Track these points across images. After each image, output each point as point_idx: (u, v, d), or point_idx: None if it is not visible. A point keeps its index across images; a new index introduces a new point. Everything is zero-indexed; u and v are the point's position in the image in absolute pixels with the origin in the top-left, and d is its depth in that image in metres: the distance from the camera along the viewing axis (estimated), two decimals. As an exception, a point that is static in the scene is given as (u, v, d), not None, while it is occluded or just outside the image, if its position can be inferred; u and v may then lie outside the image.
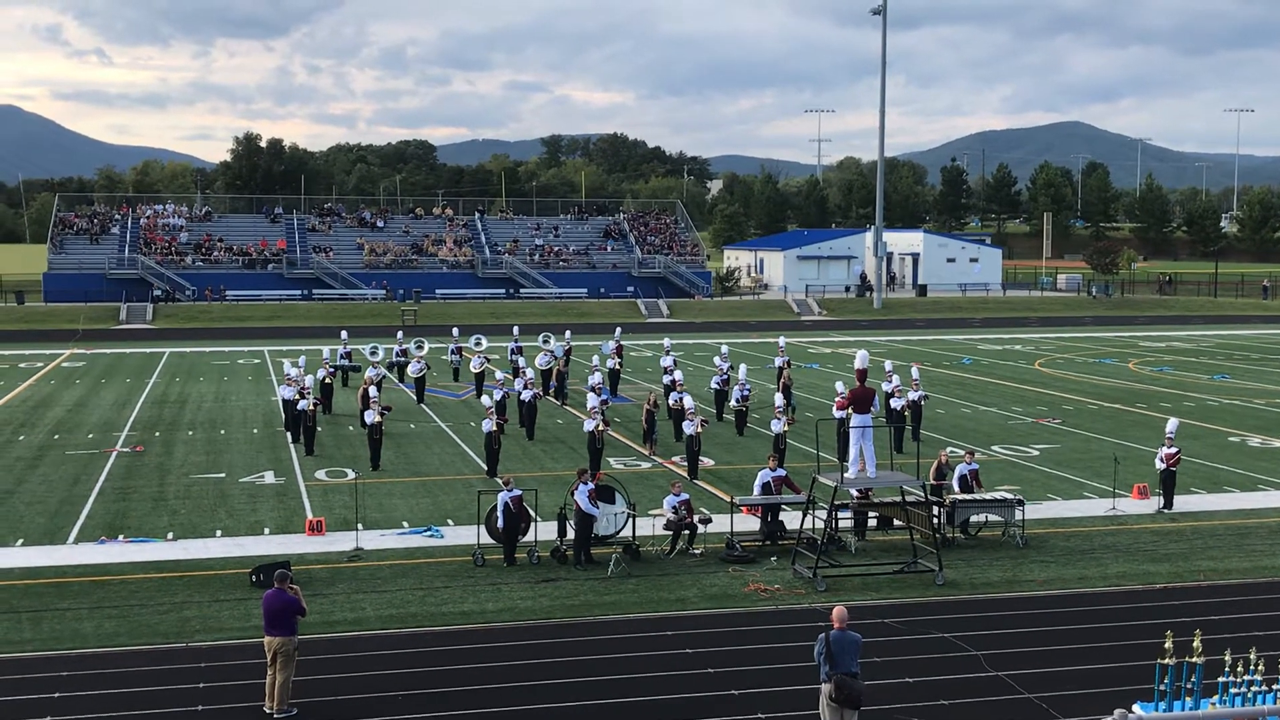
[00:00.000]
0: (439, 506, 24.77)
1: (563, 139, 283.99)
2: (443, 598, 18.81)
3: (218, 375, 47.43)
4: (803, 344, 60.05)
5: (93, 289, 76.04)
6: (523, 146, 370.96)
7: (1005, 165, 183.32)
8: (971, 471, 23.57)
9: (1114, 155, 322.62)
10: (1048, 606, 18.59)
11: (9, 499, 25.47)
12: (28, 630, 17.26)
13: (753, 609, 18.38)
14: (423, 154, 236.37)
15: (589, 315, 74.76)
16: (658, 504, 22.68)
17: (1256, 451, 31.28)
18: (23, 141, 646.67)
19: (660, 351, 43.57)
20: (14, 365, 50.50)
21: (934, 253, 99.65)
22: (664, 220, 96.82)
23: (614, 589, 19.33)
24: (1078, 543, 22.21)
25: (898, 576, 19.86)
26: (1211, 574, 20.28)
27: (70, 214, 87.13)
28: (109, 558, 20.98)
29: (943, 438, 32.09)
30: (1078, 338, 64.74)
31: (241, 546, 21.71)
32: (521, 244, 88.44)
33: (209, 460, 29.75)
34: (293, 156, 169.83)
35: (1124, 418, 36.55)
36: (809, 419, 32.87)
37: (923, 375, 37.08)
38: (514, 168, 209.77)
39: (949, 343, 61.95)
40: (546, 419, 35.01)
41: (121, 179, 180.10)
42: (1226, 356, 54.72)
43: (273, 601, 14.51)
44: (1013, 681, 15.44)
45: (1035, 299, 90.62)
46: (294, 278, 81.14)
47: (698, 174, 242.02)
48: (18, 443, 32.14)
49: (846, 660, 12.66)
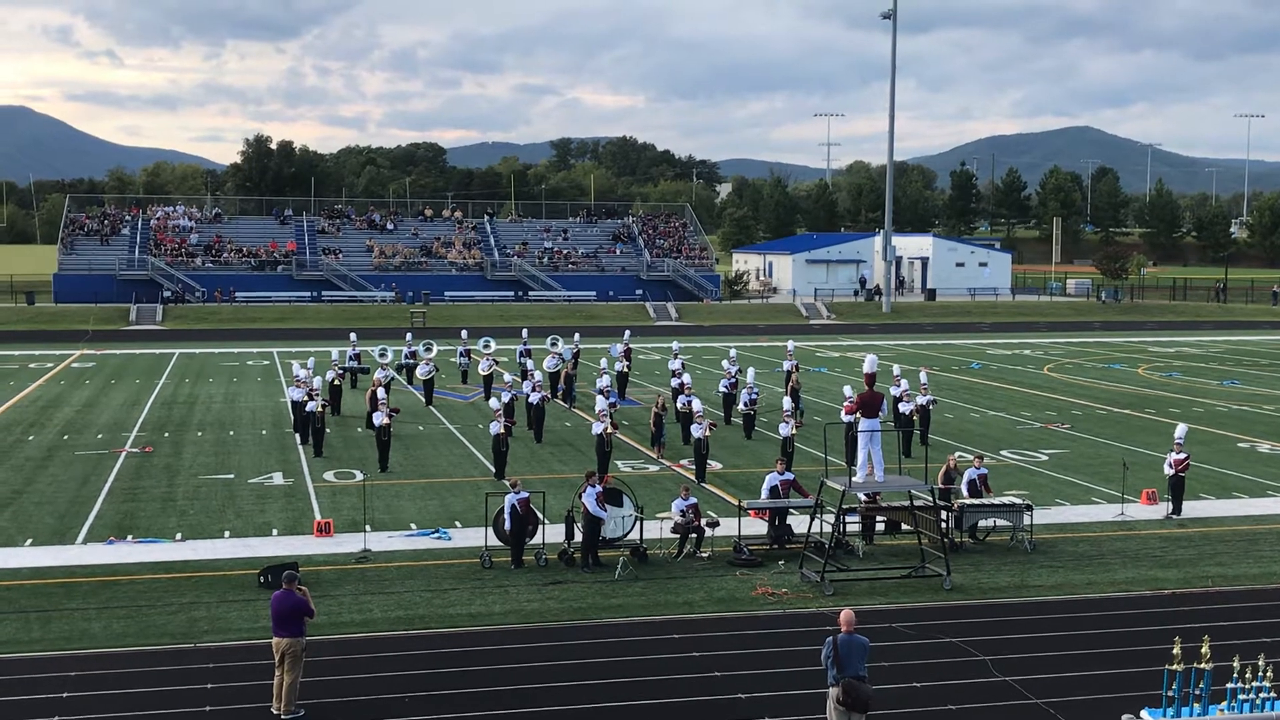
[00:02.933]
0: (447, 508, 24.79)
1: (572, 142, 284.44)
2: (450, 599, 18.83)
3: (227, 376, 47.53)
4: (811, 348, 60.02)
5: (103, 290, 76.23)
6: (532, 149, 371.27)
7: (1015, 170, 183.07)
8: (980, 476, 23.53)
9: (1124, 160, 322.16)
10: (1056, 612, 18.55)
11: (18, 499, 25.55)
12: (36, 630, 17.30)
13: (760, 613, 18.36)
14: (432, 156, 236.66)
15: (597, 318, 74.78)
16: (665, 507, 22.67)
17: (1266, 457, 31.19)
18: (34, 142, 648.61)
19: (669, 355, 43.57)
20: (24, 365, 50.65)
21: (943, 257, 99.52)
22: (673, 224, 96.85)
23: (621, 592, 19.33)
24: (1086, 548, 22.17)
25: (905, 581, 19.83)
26: (1220, 580, 20.23)
27: (81, 215, 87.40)
28: (117, 558, 21.03)
29: (951, 442, 32.06)
30: (1087, 343, 64.63)
31: (250, 547, 21.75)
32: (530, 247, 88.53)
33: (218, 461, 29.80)
34: (303, 158, 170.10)
35: (1133, 423, 36.48)
36: (817, 423, 32.86)
37: (931, 380, 37.05)
38: (523, 170, 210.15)
39: (958, 347, 61.88)
40: (554, 422, 35.01)
41: (132, 180, 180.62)
42: (1236, 362, 54.58)
43: (281, 602, 14.53)
44: (1020, 686, 15.41)
45: (1044, 304, 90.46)
46: (303, 279, 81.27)
47: (707, 177, 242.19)
48: (27, 443, 32.23)
49: (854, 664, 12.65)
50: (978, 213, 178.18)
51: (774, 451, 28.48)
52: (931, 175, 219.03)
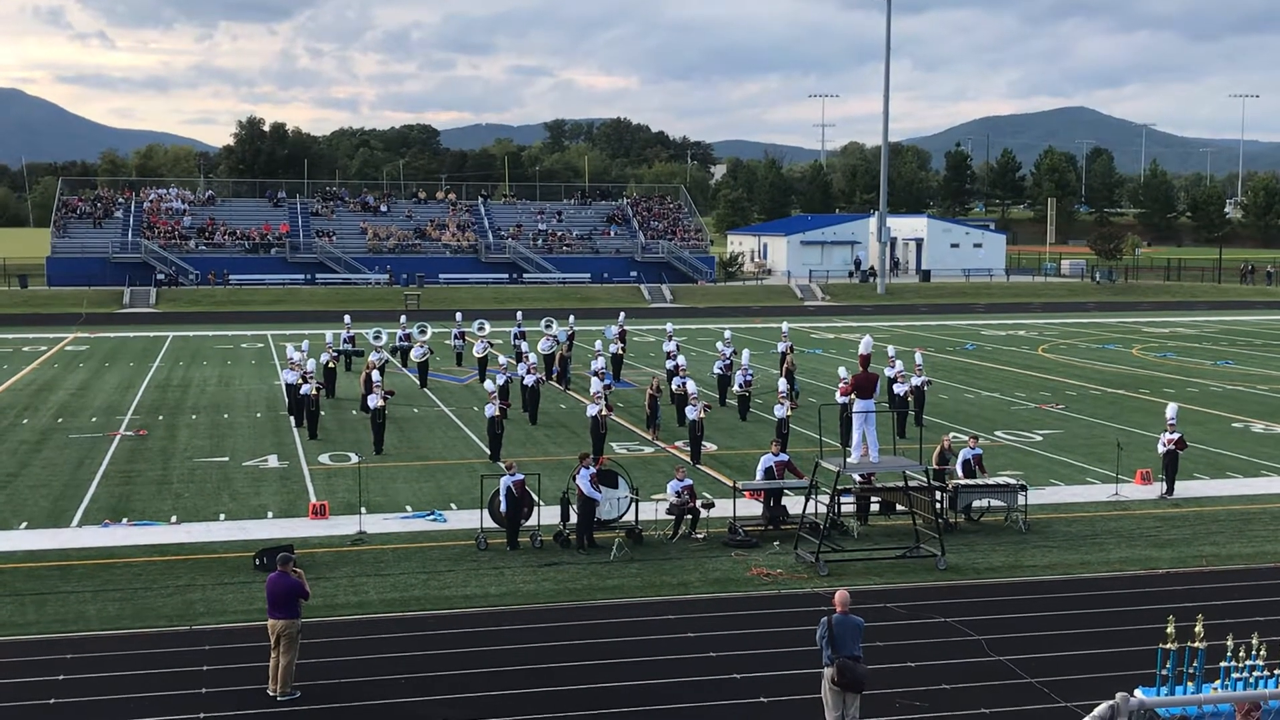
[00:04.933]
0: (442, 490, 24.80)
1: (566, 124, 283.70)
2: (445, 581, 18.85)
3: (221, 359, 47.46)
4: (806, 329, 60.01)
5: (96, 273, 76.06)
6: (526, 131, 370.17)
7: (1010, 151, 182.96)
8: (975, 456, 23.57)
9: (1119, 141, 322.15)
10: (1050, 591, 18.61)
11: (13, 482, 25.52)
12: (31, 613, 17.31)
13: (755, 593, 18.40)
14: (426, 138, 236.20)
15: (592, 300, 74.72)
16: (660, 488, 22.69)
17: (1260, 437, 31.26)
18: (25, 125, 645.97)
19: (663, 337, 43.54)
20: (17, 349, 50.55)
21: (938, 238, 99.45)
22: (667, 205, 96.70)
23: (616, 573, 19.36)
24: (1080, 528, 22.22)
25: (900, 561, 19.87)
26: (1214, 559, 20.29)
27: (73, 198, 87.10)
28: (113, 541, 21.03)
29: (945, 423, 32.09)
30: (1081, 323, 64.67)
31: (245, 530, 21.75)
32: (525, 229, 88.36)
33: (212, 444, 29.78)
34: (296, 141, 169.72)
35: (1127, 403, 36.53)
36: (812, 404, 32.87)
37: (926, 360, 37.06)
38: (517, 152, 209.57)
39: (952, 328, 61.90)
40: (549, 404, 35.02)
41: (124, 163, 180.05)
42: (1230, 342, 54.65)
43: (276, 585, 14.53)
44: (1014, 666, 15.46)
45: (1039, 284, 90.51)
46: (297, 262, 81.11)
47: (701, 159, 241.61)
48: (21, 426, 32.19)
49: (849, 644, 12.68)
50: (972, 194, 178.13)
51: (769, 433, 28.50)
52: (926, 156, 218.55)
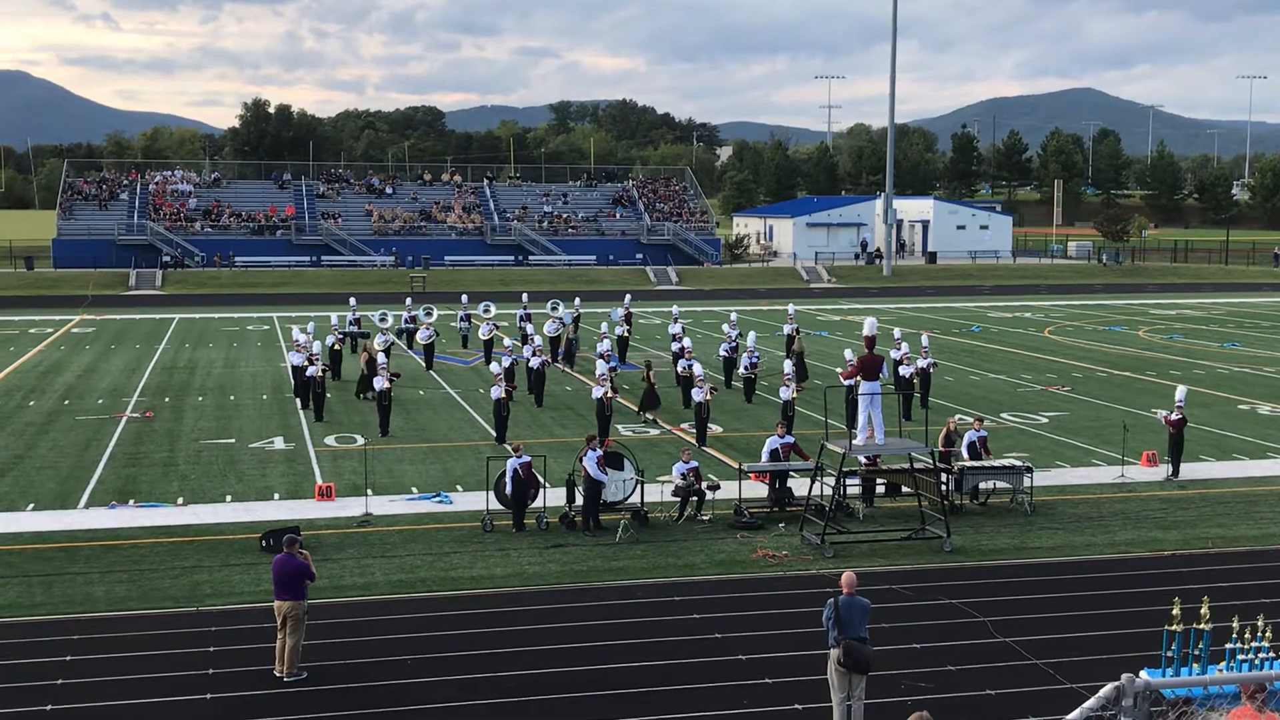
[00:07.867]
0: (448, 472, 24.83)
1: (572, 105, 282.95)
2: (451, 563, 18.88)
3: (227, 341, 47.50)
4: (812, 311, 59.94)
5: (102, 255, 76.04)
6: (531, 113, 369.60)
7: (1016, 132, 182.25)
8: (980, 439, 23.55)
9: (1126, 122, 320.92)
10: (1055, 573, 18.61)
11: (20, 464, 25.58)
12: (39, 594, 17.37)
13: (761, 575, 18.42)
14: (431, 120, 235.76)
15: (598, 282, 74.67)
16: (666, 470, 22.71)
17: (1266, 419, 31.21)
18: (31, 107, 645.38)
19: (669, 319, 43.52)
20: (24, 331, 50.62)
21: (944, 220, 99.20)
22: (673, 187, 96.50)
23: (622, 555, 19.39)
24: (1086, 510, 22.21)
25: (906, 543, 19.89)
26: (1219, 541, 20.28)
27: (79, 180, 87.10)
28: (119, 522, 21.08)
29: (951, 405, 32.07)
30: (1088, 305, 64.54)
31: (251, 512, 21.79)
32: (530, 211, 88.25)
33: (219, 426, 29.83)
34: (301, 123, 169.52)
35: (1134, 385, 36.48)
36: (817, 386, 32.86)
37: (932, 342, 37.03)
38: (523, 134, 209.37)
39: (958, 310, 61.80)
40: (555, 386, 35.02)
41: (130, 145, 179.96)
42: (1237, 324, 54.53)
43: (282, 566, 14.57)
44: (1020, 648, 15.47)
45: (1045, 266, 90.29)
46: (303, 244, 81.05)
47: (707, 141, 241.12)
48: (28, 408, 32.25)
49: (855, 625, 12.69)
50: (979, 175, 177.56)
51: (774, 415, 28.49)
52: (933, 138, 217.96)
